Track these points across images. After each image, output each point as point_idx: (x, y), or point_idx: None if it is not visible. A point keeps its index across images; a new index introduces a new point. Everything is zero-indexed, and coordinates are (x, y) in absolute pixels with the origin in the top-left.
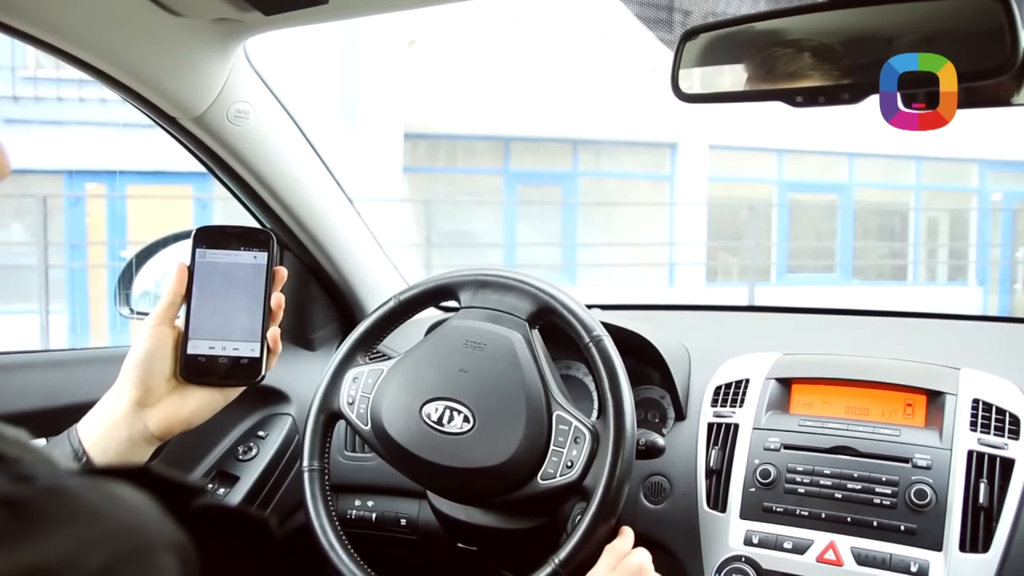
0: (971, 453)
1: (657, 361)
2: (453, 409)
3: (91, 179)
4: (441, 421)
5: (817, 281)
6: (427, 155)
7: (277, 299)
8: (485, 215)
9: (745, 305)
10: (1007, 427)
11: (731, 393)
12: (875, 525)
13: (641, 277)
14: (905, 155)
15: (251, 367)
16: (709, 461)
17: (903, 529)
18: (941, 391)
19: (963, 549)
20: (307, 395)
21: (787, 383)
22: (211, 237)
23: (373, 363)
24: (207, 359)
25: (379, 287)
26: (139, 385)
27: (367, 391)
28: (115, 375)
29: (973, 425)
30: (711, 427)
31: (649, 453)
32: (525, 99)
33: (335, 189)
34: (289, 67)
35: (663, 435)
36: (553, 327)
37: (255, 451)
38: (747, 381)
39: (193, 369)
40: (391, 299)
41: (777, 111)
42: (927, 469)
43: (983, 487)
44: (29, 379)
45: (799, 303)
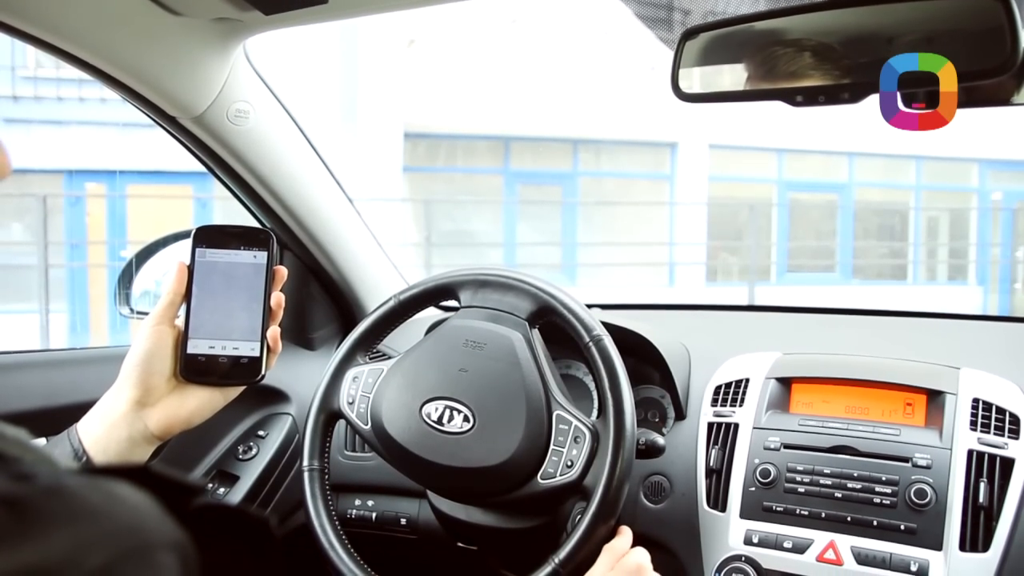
0: (971, 452)
1: (657, 361)
2: (453, 408)
3: (91, 179)
4: (441, 420)
5: (817, 281)
6: (427, 155)
7: (277, 298)
8: (485, 215)
9: (745, 305)
10: (1007, 426)
11: (731, 392)
12: (875, 524)
13: (641, 277)
14: (905, 155)
15: (251, 366)
16: (709, 460)
17: (903, 528)
18: (941, 390)
19: (963, 548)
20: (307, 395)
21: (787, 382)
22: (211, 236)
23: (373, 363)
24: (207, 358)
25: (379, 287)
26: (139, 385)
27: (367, 391)
28: (115, 375)
29: (973, 424)
30: (711, 426)
31: (649, 453)
32: (525, 99)
33: (335, 189)
34: (289, 67)
35: (663, 435)
36: (553, 327)
37: (255, 450)
38: (747, 381)
39: (193, 368)
40: (391, 299)
41: (777, 111)
42: (927, 468)
43: (983, 486)
44: (29, 379)
45: (799, 303)
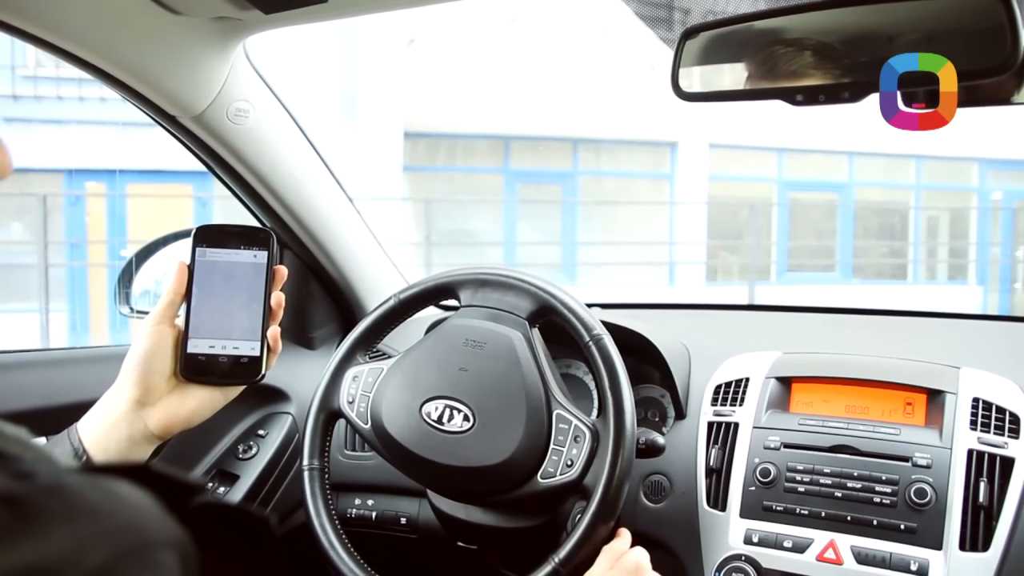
0: (971, 452)
1: (657, 360)
2: (453, 408)
3: (91, 178)
4: (441, 420)
5: (817, 280)
6: (427, 154)
7: (277, 298)
8: (485, 214)
9: (745, 304)
10: (1007, 426)
11: (731, 392)
12: (875, 524)
13: (641, 276)
14: (905, 154)
15: (251, 366)
16: (709, 460)
17: (903, 528)
18: (941, 390)
19: (963, 548)
20: (307, 394)
21: (787, 382)
22: (211, 236)
23: (373, 362)
24: (207, 358)
25: (379, 286)
26: (139, 384)
27: (367, 390)
28: (115, 374)
29: (973, 424)
30: (711, 426)
31: (649, 452)
32: (525, 98)
33: (335, 188)
34: (289, 66)
35: (663, 434)
36: (553, 326)
37: (255, 450)
38: (747, 380)
39: (193, 368)
40: (391, 298)
41: (777, 110)
42: (927, 468)
43: (983, 486)
44: (29, 378)
45: (799, 302)
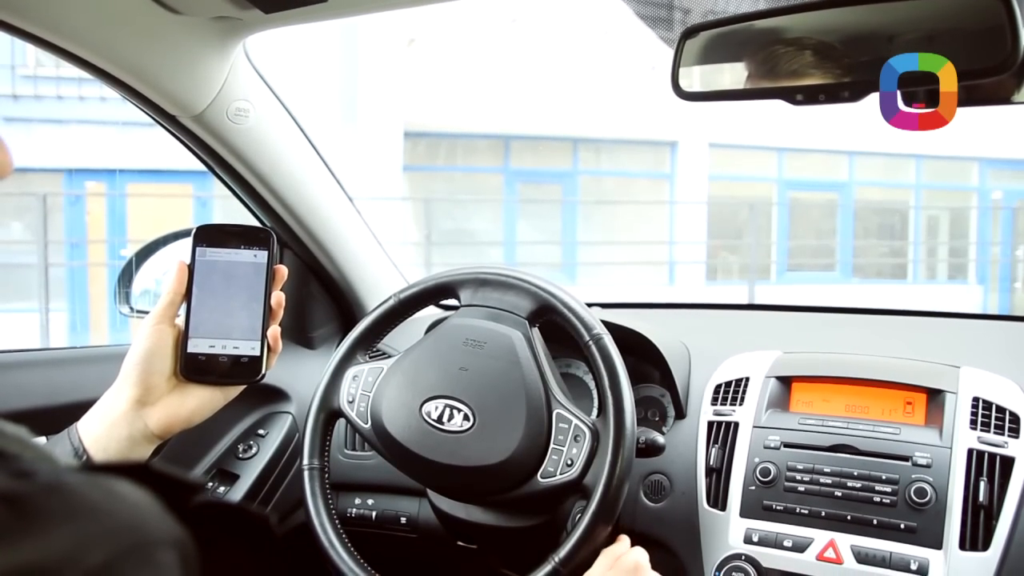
0: (971, 451)
1: (657, 359)
2: (453, 407)
3: (91, 177)
4: (441, 419)
5: (817, 279)
6: (427, 153)
7: (277, 298)
8: (485, 213)
9: (745, 303)
10: (1007, 425)
11: (731, 391)
12: (875, 523)
13: (641, 275)
14: (905, 153)
15: (251, 365)
16: (709, 459)
17: (903, 527)
18: (941, 389)
19: (963, 547)
20: (307, 393)
21: (787, 381)
22: (211, 235)
23: (373, 361)
24: (207, 357)
25: (379, 285)
26: (139, 383)
27: (367, 389)
28: (115, 373)
29: (973, 423)
30: (711, 425)
31: (649, 451)
32: (525, 97)
33: (335, 187)
34: (289, 65)
35: (663, 433)
36: (553, 325)
37: (255, 449)
38: (747, 379)
39: (193, 367)
40: (391, 297)
41: (777, 109)
42: (927, 467)
43: (983, 485)
44: (29, 377)
45: (799, 301)
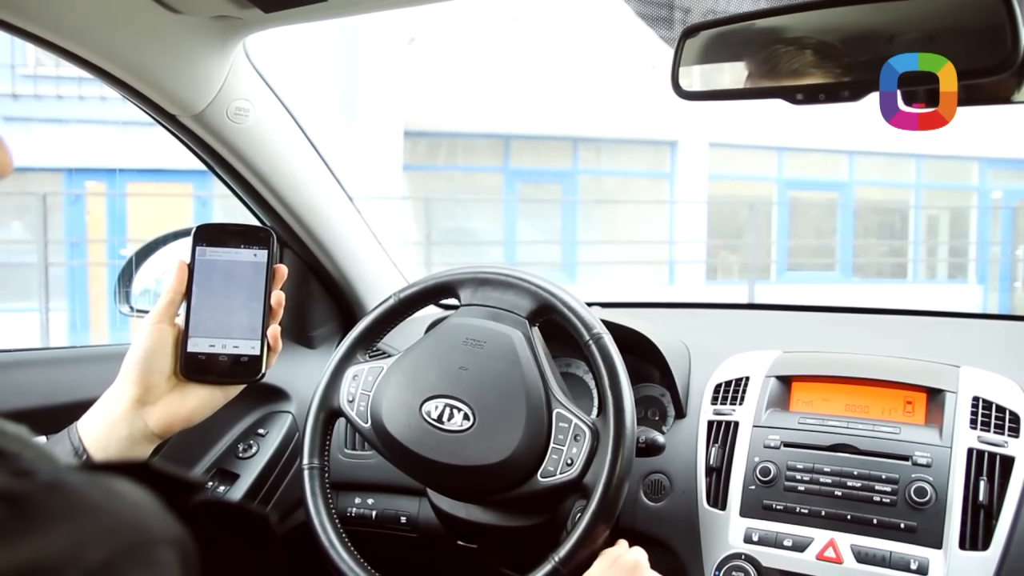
0: (971, 451)
1: (657, 359)
2: (453, 407)
3: (91, 177)
4: (441, 419)
5: (817, 279)
6: (427, 153)
7: (277, 297)
8: (485, 213)
9: (745, 303)
10: (1007, 425)
11: (731, 391)
12: (875, 523)
13: (641, 275)
14: (905, 153)
15: (251, 365)
16: (709, 459)
17: (903, 527)
18: (941, 389)
19: (963, 547)
20: (307, 393)
21: (787, 381)
22: (211, 235)
23: (373, 361)
24: (207, 357)
25: (379, 285)
26: (139, 383)
27: (367, 389)
28: (115, 373)
29: (973, 423)
30: (711, 425)
31: (649, 451)
32: (525, 97)
33: (335, 187)
34: (289, 65)
35: (663, 433)
36: (553, 325)
37: (255, 449)
38: (747, 379)
39: (193, 367)
40: (391, 297)
41: (777, 109)
42: (927, 467)
43: (983, 485)
44: (29, 377)
45: (799, 301)
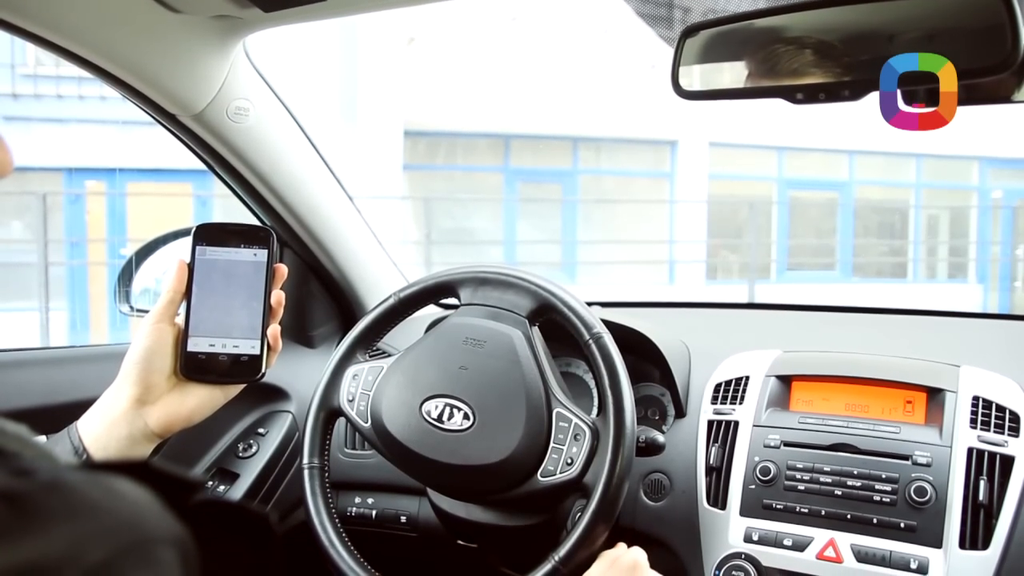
0: (971, 450)
1: (657, 358)
2: (453, 406)
3: (91, 176)
4: (441, 418)
5: (817, 279)
6: (427, 152)
7: (277, 296)
8: (485, 212)
9: (745, 302)
10: (1007, 424)
11: (731, 390)
12: (875, 522)
13: (641, 274)
14: (905, 152)
15: (251, 364)
16: (709, 458)
17: (903, 526)
18: (941, 388)
19: (963, 546)
20: (307, 392)
21: (787, 380)
22: (211, 234)
23: (373, 360)
24: (207, 356)
25: (379, 284)
26: (139, 382)
27: (367, 388)
28: (115, 372)
29: (973, 422)
30: (711, 424)
31: (649, 450)
32: (525, 96)
33: (335, 186)
34: (289, 64)
35: (663, 432)
36: (553, 324)
37: (255, 448)
38: (747, 378)
39: (193, 366)
40: (391, 296)
41: (777, 108)
42: (927, 466)
43: (983, 484)
44: (29, 376)
45: (799, 300)
